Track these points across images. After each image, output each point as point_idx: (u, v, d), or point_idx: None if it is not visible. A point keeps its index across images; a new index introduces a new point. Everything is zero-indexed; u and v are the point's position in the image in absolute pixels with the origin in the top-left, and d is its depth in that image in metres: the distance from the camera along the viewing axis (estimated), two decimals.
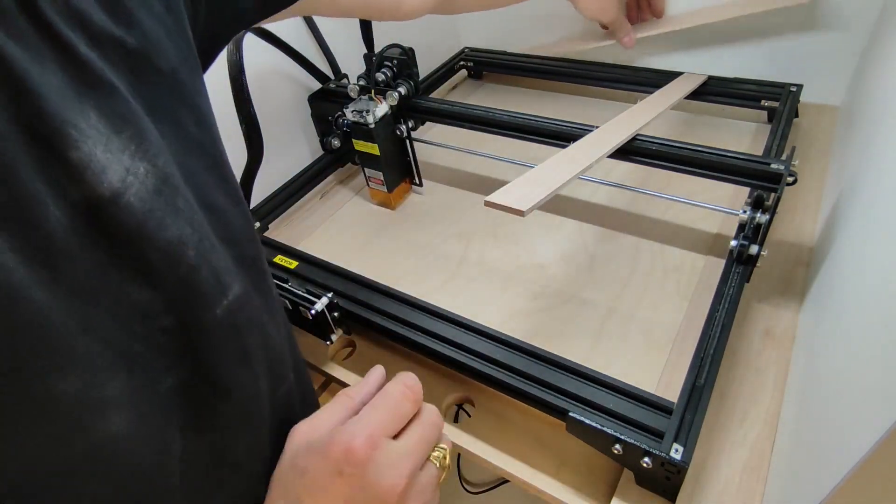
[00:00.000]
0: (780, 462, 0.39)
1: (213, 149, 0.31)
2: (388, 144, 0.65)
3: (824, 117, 0.72)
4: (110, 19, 0.26)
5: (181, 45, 0.30)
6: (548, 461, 0.43)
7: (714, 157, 0.51)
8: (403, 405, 0.33)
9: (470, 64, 0.91)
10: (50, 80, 0.22)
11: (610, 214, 0.64)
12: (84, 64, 0.24)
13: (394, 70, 0.65)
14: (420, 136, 0.70)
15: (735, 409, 0.45)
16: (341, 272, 0.54)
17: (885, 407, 0.22)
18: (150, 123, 0.26)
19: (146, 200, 0.25)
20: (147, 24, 0.27)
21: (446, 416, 0.48)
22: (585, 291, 0.55)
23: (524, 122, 0.60)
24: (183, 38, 0.30)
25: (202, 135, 0.30)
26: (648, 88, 0.71)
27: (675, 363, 0.47)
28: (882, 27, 0.61)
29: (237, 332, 0.30)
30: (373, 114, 0.62)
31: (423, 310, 0.49)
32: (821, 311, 0.43)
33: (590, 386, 0.41)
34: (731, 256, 0.50)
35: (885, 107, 0.46)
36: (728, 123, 0.74)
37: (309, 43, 0.73)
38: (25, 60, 0.22)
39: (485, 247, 0.62)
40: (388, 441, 0.31)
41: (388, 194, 0.68)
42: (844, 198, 0.49)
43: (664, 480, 0.38)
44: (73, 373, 0.22)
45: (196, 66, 0.31)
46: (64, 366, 0.22)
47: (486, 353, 0.44)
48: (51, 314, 0.22)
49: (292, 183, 0.71)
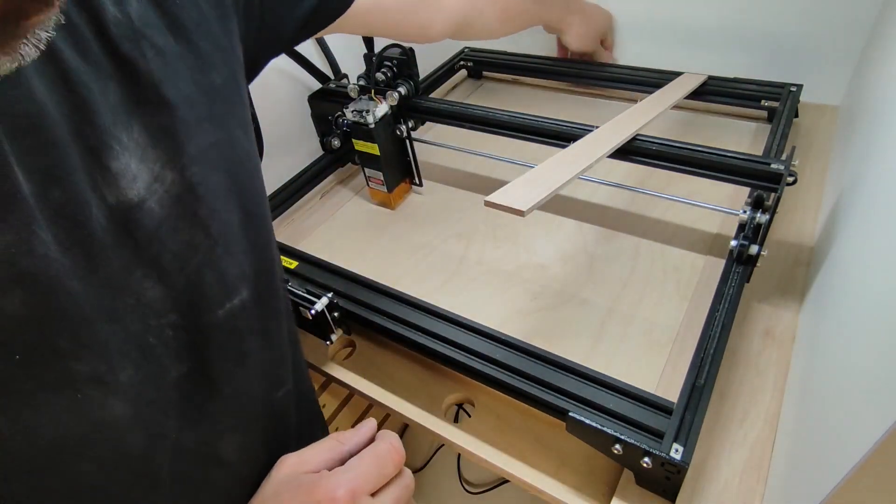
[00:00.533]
0: (780, 462, 0.39)
1: (256, 158, 0.34)
2: (388, 144, 0.65)
3: (824, 117, 0.72)
4: (172, 38, 0.29)
5: (234, 63, 0.33)
6: (548, 461, 0.43)
7: (714, 157, 0.51)
8: (387, 466, 0.34)
9: (470, 64, 0.91)
10: (107, 97, 0.26)
11: (610, 214, 0.64)
12: (142, 79, 0.27)
13: (394, 70, 0.65)
14: (420, 136, 0.70)
15: (735, 409, 0.45)
16: (341, 272, 0.54)
17: (885, 407, 0.22)
18: (194, 135, 0.29)
19: (165, 206, 0.28)
20: (204, 44, 0.31)
21: (446, 416, 0.48)
22: (585, 291, 0.55)
23: (524, 122, 0.60)
24: (235, 56, 0.34)
25: (249, 144, 0.33)
26: (648, 88, 0.71)
27: (675, 363, 0.47)
28: (881, 27, 0.61)
29: (238, 334, 0.32)
30: (373, 114, 0.62)
31: (424, 310, 0.49)
32: (821, 311, 0.43)
33: (590, 386, 0.41)
34: (731, 256, 0.50)
35: (885, 107, 0.46)
36: (728, 123, 0.74)
37: (309, 43, 0.73)
38: (89, 76, 0.25)
39: (485, 247, 0.62)
40: (367, 498, 0.33)
41: (388, 194, 0.68)
42: (844, 198, 0.49)
43: (664, 480, 0.38)
44: (92, 356, 0.24)
45: (243, 82, 0.34)
46: (86, 349, 0.24)
47: (486, 353, 0.44)
48: (84, 302, 0.24)
49: (292, 183, 0.71)
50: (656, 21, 0.79)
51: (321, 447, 0.36)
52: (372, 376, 0.52)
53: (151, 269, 0.27)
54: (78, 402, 0.24)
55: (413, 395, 0.50)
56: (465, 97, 0.90)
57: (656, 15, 0.78)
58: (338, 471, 0.33)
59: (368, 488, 0.33)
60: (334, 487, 0.31)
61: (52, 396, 0.23)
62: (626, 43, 0.83)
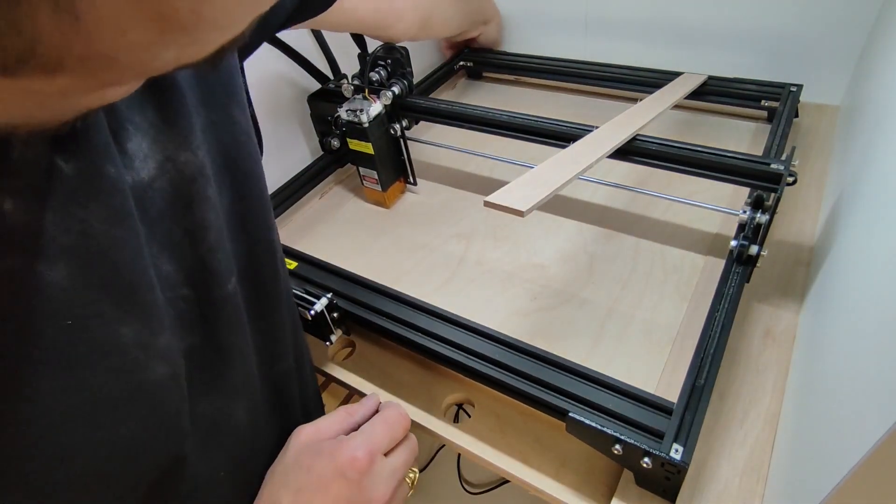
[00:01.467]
0: (780, 462, 0.39)
1: (254, 139, 0.35)
2: (382, 143, 0.65)
3: (824, 117, 0.72)
4: None
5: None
6: (548, 461, 0.43)
7: (714, 157, 0.51)
8: (397, 429, 0.40)
9: (469, 64, 0.91)
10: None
11: (610, 214, 0.64)
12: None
13: (388, 69, 0.65)
14: (419, 136, 0.70)
15: (735, 409, 0.44)
16: (341, 272, 0.54)
17: (885, 407, 0.22)
18: (201, 116, 0.30)
19: (178, 186, 0.29)
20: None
21: (446, 416, 0.48)
22: (585, 291, 0.55)
23: (524, 122, 0.60)
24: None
25: (248, 126, 0.34)
26: (648, 88, 0.71)
27: (675, 363, 0.47)
28: (881, 27, 0.61)
29: (239, 307, 0.34)
30: (367, 113, 0.62)
31: (423, 310, 0.49)
32: (821, 311, 0.43)
33: (590, 386, 0.41)
34: (731, 256, 0.50)
35: (885, 107, 0.46)
36: (728, 123, 0.74)
37: (309, 43, 0.73)
38: None
39: (485, 247, 0.62)
40: (382, 458, 0.38)
41: (383, 193, 0.68)
42: (845, 198, 0.49)
43: (664, 481, 0.38)
44: (137, 321, 0.26)
45: (237, 66, 0.34)
46: (131, 314, 0.26)
47: (485, 353, 0.44)
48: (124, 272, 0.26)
49: (292, 183, 0.71)
50: (656, 21, 0.79)
51: (334, 418, 0.40)
52: (372, 377, 0.52)
53: (163, 247, 0.29)
54: (125, 363, 0.26)
55: (413, 396, 0.50)
56: (465, 97, 0.90)
57: (656, 15, 0.78)
58: (354, 435, 0.38)
59: (383, 449, 0.38)
60: (354, 448, 0.36)
61: (103, 358, 0.25)
62: (627, 43, 0.83)
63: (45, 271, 0.23)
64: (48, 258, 0.23)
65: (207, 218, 0.30)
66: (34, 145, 0.22)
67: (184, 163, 0.29)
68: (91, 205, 0.24)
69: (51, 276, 0.23)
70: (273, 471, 0.37)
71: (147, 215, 0.27)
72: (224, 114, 0.32)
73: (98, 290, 0.25)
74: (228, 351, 0.33)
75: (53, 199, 0.23)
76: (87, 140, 0.24)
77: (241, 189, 0.33)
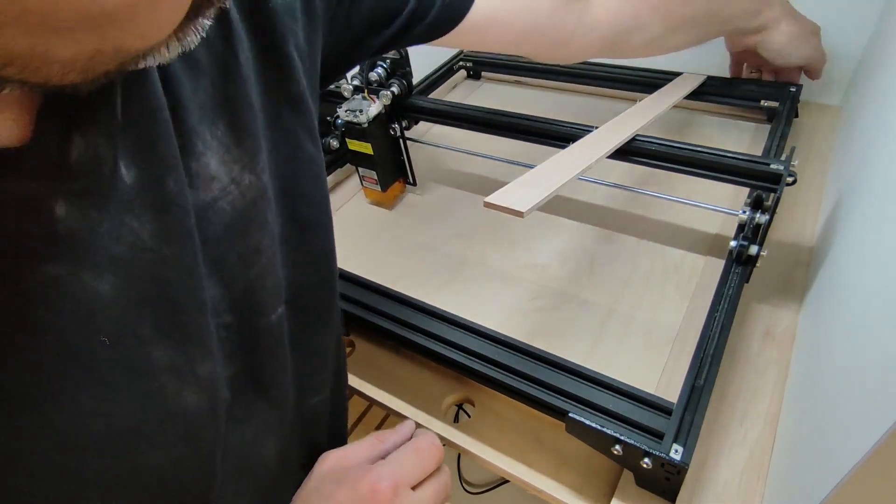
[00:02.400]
0: (780, 462, 0.39)
1: (320, 164, 0.34)
2: (382, 143, 0.65)
3: (824, 117, 0.72)
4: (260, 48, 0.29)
5: (311, 70, 0.33)
6: (548, 461, 0.43)
7: (714, 157, 0.51)
8: (428, 461, 0.36)
9: (469, 64, 0.91)
10: (199, 95, 0.26)
11: (610, 215, 0.64)
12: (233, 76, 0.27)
13: (387, 70, 0.65)
14: (420, 136, 0.70)
15: (735, 409, 0.44)
16: (341, 273, 0.54)
17: (885, 407, 0.22)
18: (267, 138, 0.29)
19: (238, 209, 0.28)
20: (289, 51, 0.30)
21: (446, 416, 0.48)
22: (585, 292, 0.55)
23: (523, 122, 0.60)
24: (314, 64, 0.33)
25: (315, 151, 0.33)
26: (648, 88, 0.71)
27: (675, 363, 0.47)
28: (882, 27, 0.61)
29: (282, 338, 0.32)
30: (366, 113, 0.62)
31: (423, 311, 0.49)
32: (821, 311, 0.43)
33: (589, 386, 0.41)
34: (731, 257, 0.50)
35: (885, 107, 0.46)
36: (728, 123, 0.74)
37: None
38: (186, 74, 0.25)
39: (485, 247, 0.62)
40: (409, 491, 0.34)
41: (382, 193, 0.68)
42: (844, 198, 0.49)
43: (664, 481, 0.38)
44: (174, 345, 0.25)
45: (317, 90, 0.34)
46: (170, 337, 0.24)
47: (485, 353, 0.44)
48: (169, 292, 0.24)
49: None
50: None
51: (363, 444, 0.37)
52: (372, 377, 0.52)
53: (214, 270, 0.27)
54: (155, 389, 0.25)
55: (413, 396, 0.50)
56: (465, 97, 0.90)
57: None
58: (380, 464, 0.35)
59: (410, 481, 0.34)
60: (377, 479, 0.33)
61: (133, 381, 0.24)
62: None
63: (90, 282, 0.21)
64: (96, 268, 0.22)
65: (262, 243, 0.29)
66: (96, 145, 0.21)
67: (247, 185, 0.28)
68: (144, 217, 0.23)
69: (96, 288, 0.22)
70: (296, 498, 0.35)
71: (203, 235, 0.26)
72: (291, 137, 0.31)
73: (139, 308, 0.23)
74: (265, 383, 0.32)
75: (112, 207, 0.22)
76: (153, 150, 0.23)
77: (299, 216, 0.32)
